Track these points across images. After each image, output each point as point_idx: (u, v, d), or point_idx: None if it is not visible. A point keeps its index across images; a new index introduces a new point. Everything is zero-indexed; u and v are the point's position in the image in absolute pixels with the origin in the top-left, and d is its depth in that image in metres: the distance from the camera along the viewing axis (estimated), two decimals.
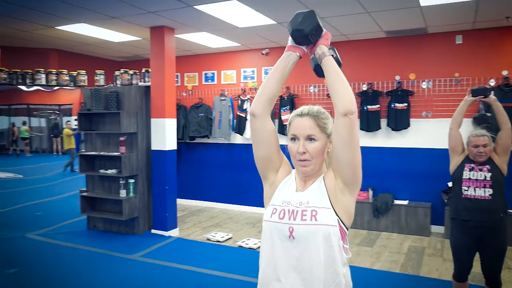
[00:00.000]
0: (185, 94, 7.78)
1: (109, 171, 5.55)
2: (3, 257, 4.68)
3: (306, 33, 1.36)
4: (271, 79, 1.47)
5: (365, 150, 6.21)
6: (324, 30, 1.42)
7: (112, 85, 5.82)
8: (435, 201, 5.81)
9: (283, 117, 6.70)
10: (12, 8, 4.68)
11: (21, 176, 10.81)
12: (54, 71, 5.70)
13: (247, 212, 7.10)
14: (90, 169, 5.82)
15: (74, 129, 10.61)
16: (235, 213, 7.05)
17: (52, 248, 5.03)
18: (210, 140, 7.54)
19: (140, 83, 5.70)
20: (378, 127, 6.14)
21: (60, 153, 15.35)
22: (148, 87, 5.65)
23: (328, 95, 6.42)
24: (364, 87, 6.19)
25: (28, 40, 6.47)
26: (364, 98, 6.18)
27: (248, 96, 7.05)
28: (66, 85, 5.79)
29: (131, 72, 5.77)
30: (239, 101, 7.11)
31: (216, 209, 7.39)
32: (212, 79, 7.61)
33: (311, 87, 6.64)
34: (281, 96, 6.71)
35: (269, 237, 1.43)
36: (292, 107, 6.67)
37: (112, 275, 4.19)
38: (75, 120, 7.84)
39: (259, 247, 5.06)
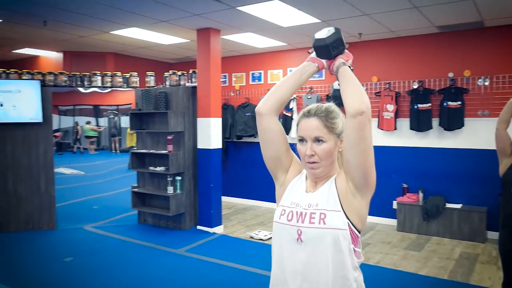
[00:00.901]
0: (232, 94, 7.91)
1: (158, 168, 5.79)
2: (61, 246, 5.05)
3: (327, 43, 1.34)
4: (284, 84, 1.45)
5: (415, 151, 6.02)
6: (347, 50, 1.40)
7: (161, 86, 6.06)
8: (491, 205, 5.45)
9: None
10: (71, 16, 5.03)
11: (83, 172, 11.54)
12: (109, 73, 6.04)
13: None
14: (141, 166, 6.11)
15: None
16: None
17: (105, 240, 5.35)
18: (256, 139, 7.59)
19: (187, 84, 5.89)
20: (429, 127, 5.87)
21: (118, 151, 16.19)
22: (194, 88, 5.83)
23: (376, 93, 6.25)
24: (415, 85, 5.95)
25: (87, 45, 6.91)
26: (415, 96, 5.94)
27: (294, 96, 7.03)
28: (120, 87, 6.12)
29: (179, 73, 5.97)
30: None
31: (262, 208, 7.45)
32: (259, 79, 7.67)
33: None
34: (327, 95, 6.64)
35: (278, 239, 1.41)
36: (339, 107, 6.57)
37: (158, 268, 4.37)
38: None
39: None
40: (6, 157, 5.61)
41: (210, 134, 5.68)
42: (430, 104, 5.84)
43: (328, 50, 1.36)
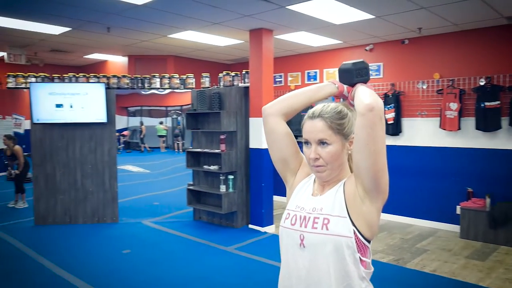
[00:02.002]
0: None
1: (212, 167, 5.94)
2: (120, 239, 5.37)
3: (352, 67, 1.30)
4: (297, 96, 1.40)
5: (481, 153, 5.59)
6: (369, 81, 1.34)
7: (216, 86, 6.21)
8: None
9: (387, 116, 6.35)
10: (131, 22, 5.33)
11: (148, 171, 12.16)
12: (167, 75, 6.31)
13: None
14: (196, 164, 6.31)
15: None
16: None
17: (161, 235, 5.59)
18: None
19: (240, 84, 5.97)
20: (498, 127, 5.41)
21: (181, 151, 16.83)
22: (247, 88, 5.90)
23: (438, 91, 5.89)
24: (482, 82, 5.51)
25: (149, 49, 7.28)
26: (481, 94, 5.51)
27: None
28: (177, 88, 6.37)
29: (232, 74, 6.08)
30: (341, 100, 6.93)
31: None
32: (315, 78, 7.57)
33: (420, 83, 6.15)
34: (385, 94, 6.38)
35: (283, 244, 1.37)
36: (398, 106, 6.29)
37: (207, 264, 4.49)
38: None
39: None
40: (75, 155, 6.08)
41: (262, 134, 5.71)
42: (498, 102, 5.38)
43: (351, 74, 1.30)
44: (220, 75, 6.17)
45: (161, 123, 17.90)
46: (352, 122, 1.31)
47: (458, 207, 5.70)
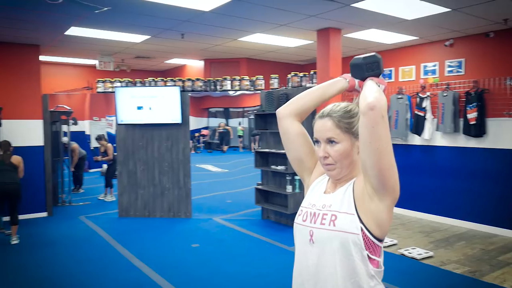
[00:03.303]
0: None
1: (279, 167, 6.01)
2: (191, 234, 5.67)
3: (363, 62, 1.29)
4: (309, 95, 1.42)
5: None
6: (382, 76, 1.30)
7: (284, 87, 6.26)
8: None
9: (469, 116, 5.88)
10: (202, 28, 5.61)
11: (227, 170, 12.61)
12: (237, 77, 6.52)
13: (424, 220, 6.51)
14: (264, 164, 6.42)
15: None
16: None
17: (229, 232, 5.80)
18: (399, 142, 7.20)
19: (308, 85, 5.96)
20: None
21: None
22: None
23: None
24: None
25: (223, 52, 7.58)
26: None
27: (428, 94, 6.44)
28: (247, 90, 6.54)
29: (300, 74, 6.09)
30: (418, 99, 6.57)
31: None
32: (390, 76, 7.26)
33: (507, 80, 5.58)
34: (467, 92, 5.90)
35: (296, 240, 1.39)
36: (482, 105, 5.78)
37: (270, 262, 4.56)
38: None
39: (423, 258, 4.67)
40: (154, 153, 6.56)
41: None
42: None
43: (362, 69, 1.29)
44: (289, 76, 6.21)
45: (239, 123, 18.52)
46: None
47: None
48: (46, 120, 6.79)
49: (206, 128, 19.23)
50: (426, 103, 6.47)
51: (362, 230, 1.23)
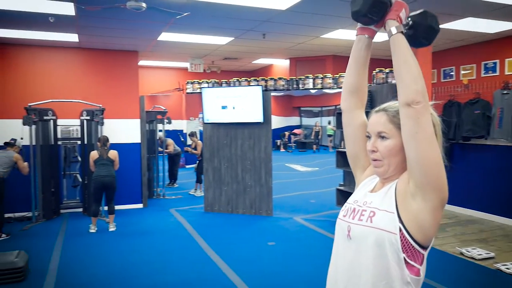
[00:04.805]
0: (459, 90, 6.97)
1: None
2: (269, 231, 5.72)
3: (364, 12, 1.17)
4: (347, 70, 1.38)
5: None
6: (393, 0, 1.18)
7: (368, 84, 5.98)
8: None
9: None
10: (282, 27, 5.62)
11: (317, 168, 12.49)
12: (320, 75, 6.39)
13: None
14: (345, 165, 6.19)
15: None
16: None
17: (307, 232, 5.73)
18: (488, 142, 6.46)
19: (393, 81, 5.60)
20: None
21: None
22: None
23: None
24: None
25: (307, 50, 7.51)
26: None
27: None
28: (330, 88, 6.38)
29: (386, 70, 5.75)
30: None
31: (493, 223, 6.25)
32: (493, 70, 6.52)
33: None
34: None
35: (336, 235, 1.35)
36: None
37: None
38: None
39: None
40: (237, 151, 6.76)
41: None
42: None
43: (368, 18, 1.19)
44: (373, 72, 5.91)
45: (329, 122, 18.14)
46: None
47: None
48: (143, 119, 7.42)
49: (298, 127, 19.22)
50: None
51: (400, 230, 1.16)
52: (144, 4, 3.80)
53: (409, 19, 1.23)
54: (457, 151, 7.00)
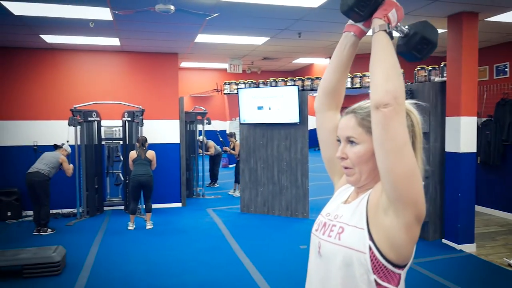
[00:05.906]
0: None
1: None
2: (303, 234, 5.57)
3: (350, 5, 1.08)
4: (328, 68, 1.26)
5: None
6: None
7: (410, 83, 5.68)
8: None
9: None
10: (315, 25, 5.48)
11: None
12: (358, 74, 6.17)
13: None
14: None
15: None
16: None
17: None
18: None
19: (436, 79, 5.28)
20: None
21: None
22: (443, 83, 5.16)
23: None
24: None
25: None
26: None
27: None
28: (368, 87, 6.13)
29: (429, 68, 5.44)
30: None
31: None
32: None
33: None
34: None
35: (310, 250, 1.24)
36: None
37: None
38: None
39: None
40: (273, 152, 6.69)
41: (460, 135, 4.90)
42: None
43: (355, 12, 1.09)
44: (415, 70, 5.61)
45: None
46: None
47: None
48: (182, 120, 7.56)
49: None
50: None
51: (370, 248, 1.03)
52: (172, 7, 3.84)
53: (407, 26, 1.14)
54: (510, 153, 6.48)
